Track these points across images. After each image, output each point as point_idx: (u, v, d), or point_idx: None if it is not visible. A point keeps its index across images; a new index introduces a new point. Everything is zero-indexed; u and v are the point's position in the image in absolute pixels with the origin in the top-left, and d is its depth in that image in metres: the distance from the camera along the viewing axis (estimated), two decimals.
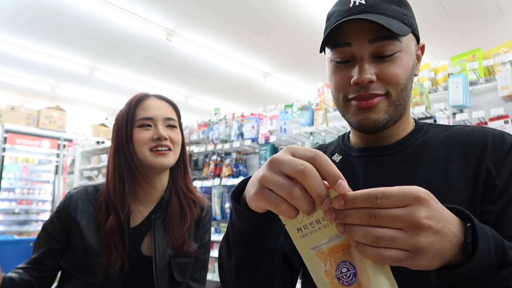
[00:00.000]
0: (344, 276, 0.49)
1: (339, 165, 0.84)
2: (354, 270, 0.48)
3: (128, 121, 1.19)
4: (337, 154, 0.87)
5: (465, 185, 0.69)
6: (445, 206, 0.50)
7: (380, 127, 0.75)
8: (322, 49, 0.78)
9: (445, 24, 5.32)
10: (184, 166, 1.31)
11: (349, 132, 0.91)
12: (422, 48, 0.82)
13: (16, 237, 4.94)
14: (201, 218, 1.30)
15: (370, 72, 0.71)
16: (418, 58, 0.80)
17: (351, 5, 0.72)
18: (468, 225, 0.50)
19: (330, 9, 0.79)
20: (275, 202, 0.49)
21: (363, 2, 0.71)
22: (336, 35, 0.72)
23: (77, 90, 8.61)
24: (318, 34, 5.57)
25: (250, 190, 0.54)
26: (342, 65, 0.75)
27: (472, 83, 2.47)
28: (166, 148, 1.20)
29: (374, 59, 0.72)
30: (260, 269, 0.67)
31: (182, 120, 1.33)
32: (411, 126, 0.83)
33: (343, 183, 0.46)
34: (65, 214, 1.18)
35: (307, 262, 0.52)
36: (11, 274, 1.11)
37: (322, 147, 0.94)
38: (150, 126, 1.20)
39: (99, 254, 1.12)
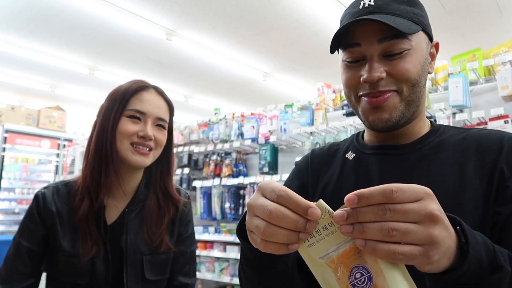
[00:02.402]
0: (358, 282, 0.47)
1: (352, 162, 0.85)
2: (368, 274, 0.47)
3: (120, 107, 1.13)
4: (350, 152, 0.88)
5: (480, 186, 0.70)
6: None
7: (393, 126, 0.76)
8: (332, 50, 0.79)
9: (445, 24, 5.32)
10: (168, 167, 1.27)
11: (363, 131, 0.92)
12: (436, 46, 0.82)
13: None
14: (177, 215, 1.26)
15: (379, 70, 0.72)
16: (432, 56, 0.81)
17: (360, 6, 0.75)
18: (458, 227, 0.51)
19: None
20: (260, 245, 0.51)
21: (372, 4, 0.74)
22: (347, 36, 0.75)
23: (77, 90, 8.61)
24: (318, 34, 5.57)
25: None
26: (353, 64, 0.76)
27: (472, 83, 2.47)
28: (148, 149, 1.15)
29: (384, 57, 0.73)
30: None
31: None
32: (426, 126, 0.84)
33: (314, 210, 0.47)
34: (46, 212, 1.12)
35: (316, 272, 0.50)
36: None
37: (335, 145, 0.95)
38: (140, 120, 1.14)
39: (78, 254, 1.08)
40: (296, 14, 5.09)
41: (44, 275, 1.17)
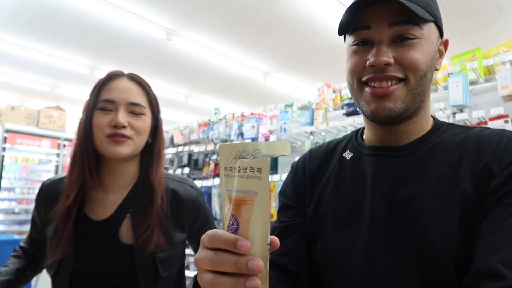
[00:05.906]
0: (229, 228, 0.49)
1: (350, 163, 0.81)
2: (237, 227, 0.48)
3: (91, 101, 1.11)
4: (348, 151, 0.84)
5: (471, 188, 0.65)
6: None
7: (396, 117, 0.71)
8: (340, 32, 0.75)
9: (445, 24, 5.16)
10: (152, 156, 1.17)
11: (363, 128, 0.87)
12: (446, 44, 0.79)
13: (16, 237, 4.94)
14: (170, 210, 1.17)
15: (387, 54, 0.68)
16: (441, 54, 0.77)
17: None
18: None
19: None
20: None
21: None
22: (357, 20, 0.70)
23: (77, 90, 8.61)
24: (318, 34, 5.57)
25: None
26: (359, 47, 0.72)
27: (472, 83, 2.47)
28: (123, 137, 1.07)
29: (393, 43, 0.69)
30: None
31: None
32: (429, 124, 0.79)
33: (242, 242, 0.46)
34: (40, 205, 1.18)
35: (223, 198, 0.53)
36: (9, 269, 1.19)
37: (334, 141, 0.91)
38: (112, 110, 1.08)
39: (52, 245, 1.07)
40: (296, 14, 5.09)
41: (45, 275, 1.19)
